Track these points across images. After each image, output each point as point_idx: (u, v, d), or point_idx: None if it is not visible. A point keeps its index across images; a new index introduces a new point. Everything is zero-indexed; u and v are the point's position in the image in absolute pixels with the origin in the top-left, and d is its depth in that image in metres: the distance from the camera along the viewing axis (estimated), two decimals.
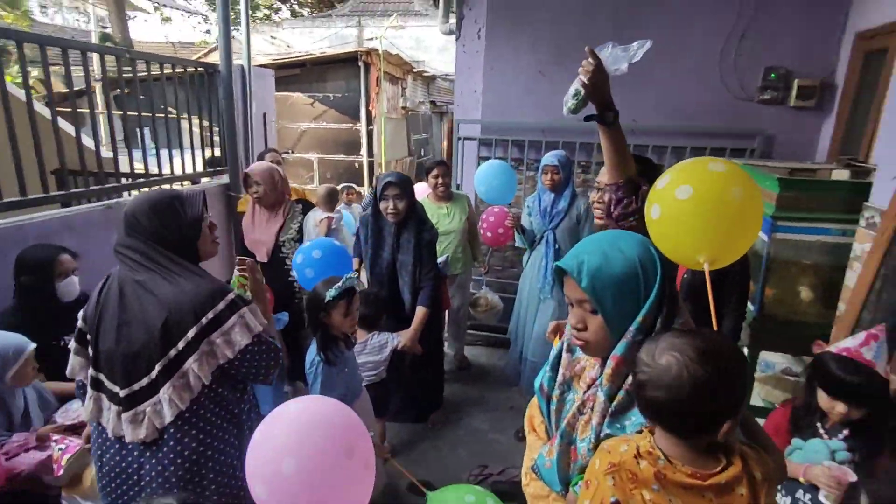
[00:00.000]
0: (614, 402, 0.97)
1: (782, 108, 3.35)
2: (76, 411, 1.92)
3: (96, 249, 2.77)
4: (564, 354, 1.13)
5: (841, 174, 2.40)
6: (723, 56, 3.41)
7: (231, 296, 1.38)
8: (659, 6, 3.44)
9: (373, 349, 2.48)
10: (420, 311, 2.73)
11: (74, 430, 1.88)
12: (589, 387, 1.04)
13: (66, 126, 3.70)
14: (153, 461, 1.37)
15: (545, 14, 3.65)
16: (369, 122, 8.06)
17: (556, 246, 3.18)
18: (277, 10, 20.78)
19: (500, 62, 3.83)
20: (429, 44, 12.47)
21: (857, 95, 3.07)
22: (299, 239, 3.03)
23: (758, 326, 2.48)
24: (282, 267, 2.99)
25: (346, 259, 2.53)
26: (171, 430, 1.36)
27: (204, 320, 1.33)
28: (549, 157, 3.12)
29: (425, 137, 11.43)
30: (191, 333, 1.32)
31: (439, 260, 3.25)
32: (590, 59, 1.48)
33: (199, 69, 3.70)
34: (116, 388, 1.37)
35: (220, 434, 1.42)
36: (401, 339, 2.63)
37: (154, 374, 1.34)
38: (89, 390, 1.43)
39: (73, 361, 1.45)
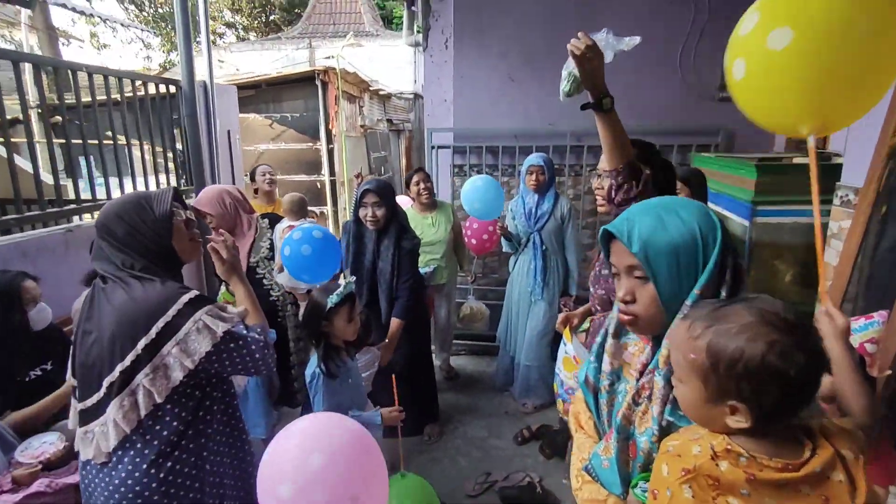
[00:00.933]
0: None
1: None
2: (39, 448, 1.74)
3: (53, 276, 2.58)
4: (610, 340, 1.01)
5: (804, 161, 2.54)
6: (683, 57, 3.57)
7: (185, 298, 1.25)
8: (620, 10, 3.58)
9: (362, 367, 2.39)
10: (394, 323, 2.65)
11: (48, 467, 1.70)
12: (641, 373, 0.94)
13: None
14: (102, 484, 1.27)
15: (511, 21, 3.73)
16: (329, 140, 7.95)
17: (543, 247, 3.20)
18: (222, 35, 20.41)
19: (470, 70, 3.87)
20: (381, 63, 12.54)
21: None
22: (272, 256, 2.90)
23: None
24: (260, 288, 2.84)
25: (335, 245, 2.43)
26: (120, 453, 1.25)
27: (153, 330, 1.21)
28: (534, 158, 3.16)
29: (384, 155, 11.39)
30: (140, 345, 1.21)
31: (425, 270, 3.20)
32: (582, 38, 1.48)
33: (159, 86, 3.54)
34: (76, 403, 1.31)
35: (178, 459, 1.28)
36: (378, 352, 2.55)
37: (102, 391, 1.23)
38: (72, 398, 1.36)
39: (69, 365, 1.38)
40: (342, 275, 2.84)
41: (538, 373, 3.31)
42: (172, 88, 3.61)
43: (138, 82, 3.34)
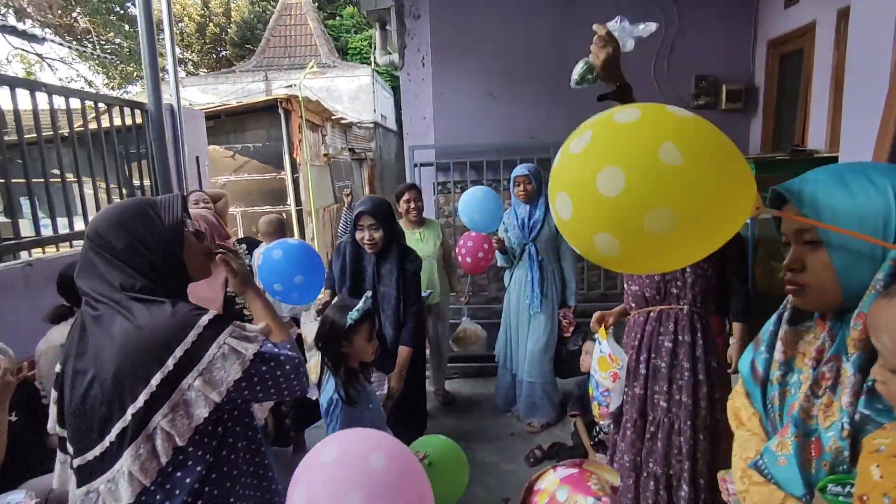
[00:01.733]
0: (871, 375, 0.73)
1: (715, 112, 3.64)
2: None
3: (12, 314, 2.31)
4: (785, 327, 0.88)
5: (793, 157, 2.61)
6: (657, 67, 3.66)
7: (205, 319, 1.06)
8: (594, 24, 3.65)
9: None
10: (404, 351, 2.45)
11: None
12: (818, 361, 0.82)
13: None
14: None
15: (489, 39, 3.74)
16: (294, 169, 7.76)
17: (539, 258, 3.14)
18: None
19: (449, 87, 3.84)
20: (339, 94, 12.51)
21: (780, 94, 3.40)
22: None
23: (754, 305, 2.54)
24: (240, 320, 2.62)
25: (315, 257, 2.23)
26: None
27: (170, 361, 1.01)
28: (520, 169, 3.12)
29: (348, 184, 11.25)
30: (154, 381, 1.01)
31: (424, 293, 3.05)
32: (601, 34, 1.46)
33: (123, 111, 3.31)
34: (70, 456, 1.09)
35: None
36: (389, 382, 2.38)
37: (108, 440, 1.02)
38: (58, 452, 1.14)
39: (51, 412, 1.15)
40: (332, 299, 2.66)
41: (542, 389, 3.19)
42: (137, 117, 3.37)
43: (102, 107, 3.10)
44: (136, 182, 3.42)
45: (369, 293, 1.80)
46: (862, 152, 2.16)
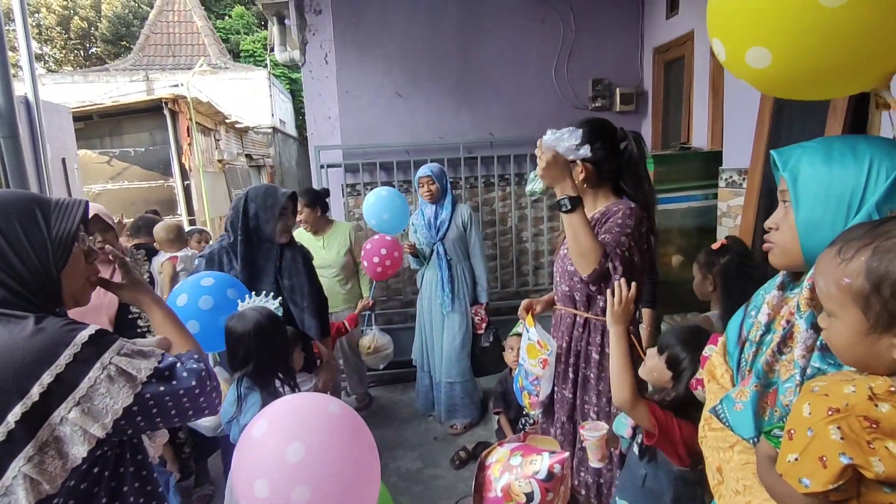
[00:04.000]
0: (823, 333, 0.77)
1: (610, 113, 3.86)
2: None
3: None
4: (774, 291, 0.91)
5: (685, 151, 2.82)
6: (557, 70, 3.81)
7: (84, 335, 0.87)
8: (498, 28, 3.73)
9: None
10: (326, 343, 2.35)
11: None
12: (788, 322, 0.85)
13: None
14: None
15: (393, 37, 3.67)
16: (185, 176, 7.13)
17: (448, 257, 3.14)
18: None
19: (355, 86, 3.71)
20: (233, 97, 11.75)
21: (667, 97, 3.69)
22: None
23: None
24: (134, 330, 2.31)
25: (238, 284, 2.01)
26: None
27: (36, 390, 0.81)
28: (423, 170, 3.12)
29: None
30: (12, 418, 0.80)
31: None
32: (538, 151, 1.48)
33: None
34: None
35: None
36: (317, 379, 2.21)
37: None
38: None
39: None
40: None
41: (462, 389, 3.16)
42: None
43: None
44: None
45: (270, 294, 1.64)
46: (742, 148, 2.39)
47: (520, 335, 2.48)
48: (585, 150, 1.56)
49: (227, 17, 16.78)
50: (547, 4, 3.71)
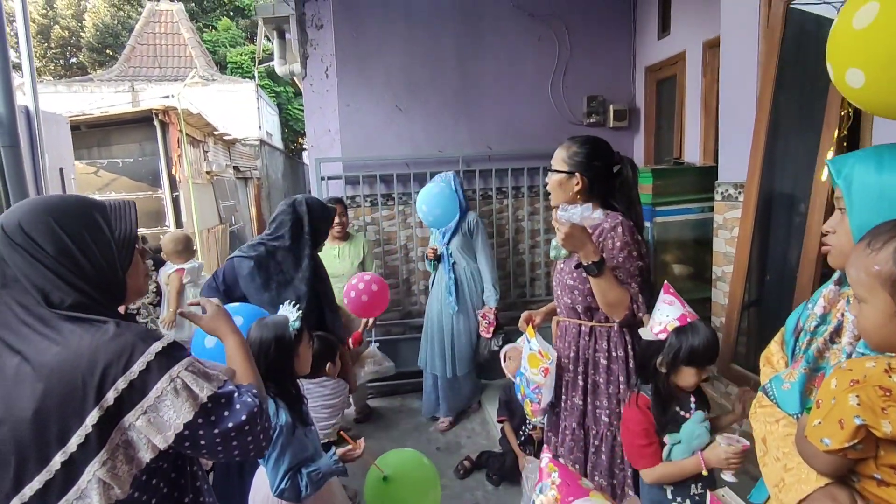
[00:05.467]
0: None
1: (604, 129, 3.98)
2: None
3: None
4: (831, 286, 0.99)
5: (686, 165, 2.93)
6: (553, 87, 3.92)
7: (157, 346, 0.88)
8: (495, 45, 3.83)
9: (334, 391, 2.05)
10: (343, 347, 2.40)
11: None
12: (843, 314, 0.94)
13: None
14: None
15: (393, 51, 3.74)
16: (173, 188, 7.06)
17: (453, 261, 3.27)
18: None
19: (355, 99, 3.76)
20: (219, 109, 11.71)
21: (658, 114, 3.82)
22: (158, 302, 2.40)
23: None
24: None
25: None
26: None
27: (111, 394, 0.82)
28: (438, 178, 3.26)
29: (233, 204, 10.51)
30: (90, 420, 0.81)
31: None
32: (557, 224, 1.53)
33: None
34: None
35: None
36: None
37: (19, 500, 0.80)
38: None
39: None
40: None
41: (465, 383, 3.36)
42: None
43: None
44: None
45: (292, 302, 1.67)
46: (737, 163, 2.49)
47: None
48: (599, 213, 1.62)
49: (213, 30, 16.76)
50: (543, 23, 3.82)
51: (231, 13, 17.21)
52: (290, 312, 1.60)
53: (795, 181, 2.19)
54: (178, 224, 7.28)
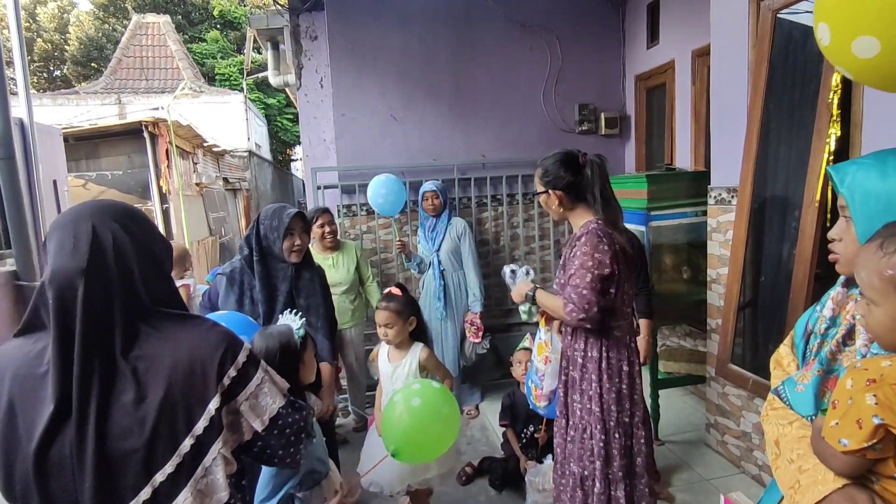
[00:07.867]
0: None
1: (596, 137, 4.05)
2: None
3: None
4: (839, 288, 0.98)
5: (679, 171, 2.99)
6: (545, 96, 3.99)
7: (245, 338, 1.04)
8: (488, 55, 3.89)
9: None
10: (328, 368, 2.30)
11: None
12: (854, 317, 0.92)
13: None
14: None
15: (388, 61, 3.78)
16: (163, 200, 7.00)
17: (441, 268, 3.34)
18: None
19: (351, 109, 3.79)
20: (208, 121, 11.67)
21: (649, 121, 3.90)
22: None
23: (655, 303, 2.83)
24: None
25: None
26: None
27: (226, 380, 0.91)
28: (427, 185, 3.34)
29: (223, 216, 10.44)
30: (213, 405, 0.89)
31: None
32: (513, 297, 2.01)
33: None
34: None
35: None
36: (321, 403, 2.20)
37: (143, 494, 0.83)
38: None
39: None
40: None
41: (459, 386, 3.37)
42: None
43: None
44: None
45: (293, 310, 1.66)
46: (729, 168, 2.55)
47: (527, 349, 2.59)
48: (529, 269, 2.05)
49: (200, 41, 16.72)
50: (535, 34, 3.89)
51: (218, 25, 17.19)
52: (292, 321, 1.59)
53: (787, 184, 2.25)
54: (169, 236, 7.22)
